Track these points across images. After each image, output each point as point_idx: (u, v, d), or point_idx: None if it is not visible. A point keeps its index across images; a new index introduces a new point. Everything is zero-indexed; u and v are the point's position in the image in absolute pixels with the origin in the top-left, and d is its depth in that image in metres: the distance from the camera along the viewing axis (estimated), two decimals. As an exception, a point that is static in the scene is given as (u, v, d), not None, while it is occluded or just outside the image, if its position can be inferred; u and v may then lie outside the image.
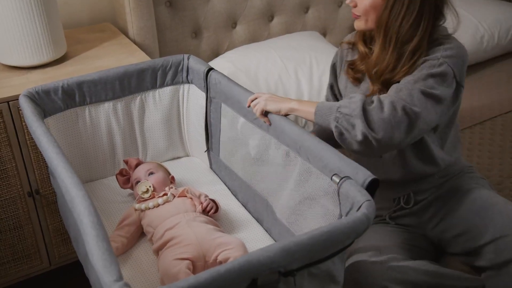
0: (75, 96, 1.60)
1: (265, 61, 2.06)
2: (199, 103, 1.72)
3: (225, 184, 1.72)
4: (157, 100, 1.75)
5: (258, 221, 1.54)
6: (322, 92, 2.00)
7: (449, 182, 1.52)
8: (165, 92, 1.75)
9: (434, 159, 1.46)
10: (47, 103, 1.55)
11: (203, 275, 0.89)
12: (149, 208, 1.47)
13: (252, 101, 1.43)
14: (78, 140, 1.66)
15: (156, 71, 1.71)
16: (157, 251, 1.37)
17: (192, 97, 1.76)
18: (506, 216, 1.38)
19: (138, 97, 1.72)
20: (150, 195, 1.51)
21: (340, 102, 1.27)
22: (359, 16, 1.37)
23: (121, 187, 1.65)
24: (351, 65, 1.50)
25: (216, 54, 2.36)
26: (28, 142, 1.66)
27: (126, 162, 1.65)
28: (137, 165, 1.63)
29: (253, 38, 2.41)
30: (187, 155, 1.91)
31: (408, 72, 1.32)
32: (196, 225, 1.38)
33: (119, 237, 1.43)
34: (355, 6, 1.36)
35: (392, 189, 1.55)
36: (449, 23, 1.40)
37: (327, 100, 1.67)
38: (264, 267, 0.94)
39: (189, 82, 1.75)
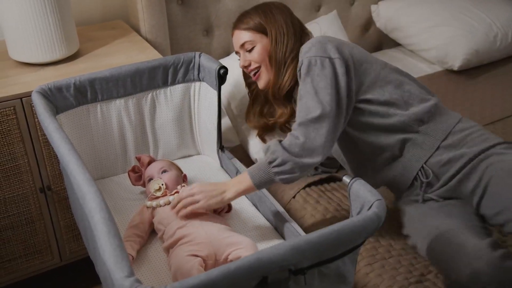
0: (87, 93, 1.61)
1: None
2: (210, 101, 1.72)
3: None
4: (168, 98, 1.75)
5: (268, 221, 1.54)
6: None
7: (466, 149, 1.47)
8: (176, 90, 1.75)
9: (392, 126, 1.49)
10: (59, 99, 1.56)
11: (214, 272, 0.89)
12: (161, 206, 1.48)
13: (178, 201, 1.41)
14: (89, 137, 1.67)
15: (168, 68, 1.71)
16: (168, 249, 1.37)
17: (204, 95, 1.76)
18: None
19: (150, 95, 1.72)
20: (162, 193, 1.51)
21: (266, 158, 1.37)
22: (258, 67, 1.62)
23: (133, 184, 1.66)
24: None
25: (227, 52, 2.36)
26: (40, 138, 1.67)
27: (138, 159, 1.66)
28: (149, 163, 1.64)
29: (265, 36, 2.41)
30: (198, 154, 1.91)
31: (293, 79, 1.58)
32: (208, 224, 1.38)
33: (135, 236, 1.43)
34: (250, 63, 1.63)
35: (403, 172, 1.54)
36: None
37: None
38: (275, 265, 0.94)
39: (200, 80, 1.76)
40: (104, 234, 0.99)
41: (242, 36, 1.63)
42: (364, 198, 1.11)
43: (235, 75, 1.93)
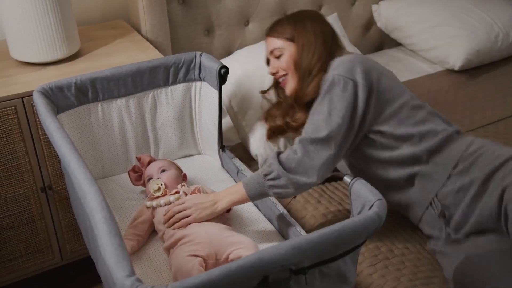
0: (88, 92, 1.61)
1: None
2: (211, 101, 1.73)
3: (236, 183, 1.72)
4: (169, 97, 1.75)
5: (269, 221, 1.54)
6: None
7: (467, 174, 1.41)
8: (177, 90, 1.75)
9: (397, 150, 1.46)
10: (60, 99, 1.56)
11: (215, 272, 0.89)
12: (161, 206, 1.48)
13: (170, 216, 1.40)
14: (90, 137, 1.67)
15: (169, 68, 1.71)
16: (168, 249, 1.37)
17: (204, 95, 1.76)
18: None
19: (151, 94, 1.72)
20: (162, 193, 1.51)
21: (262, 171, 1.36)
22: (285, 75, 1.60)
23: (133, 184, 1.66)
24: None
25: (228, 52, 2.36)
26: (41, 137, 1.67)
27: (138, 159, 1.66)
28: (149, 162, 1.64)
29: (265, 36, 2.41)
30: (199, 153, 1.91)
31: (317, 89, 1.51)
32: (208, 224, 1.38)
33: (134, 235, 1.43)
34: (278, 70, 1.62)
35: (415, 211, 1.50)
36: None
37: None
38: (275, 264, 0.94)
39: (201, 80, 1.76)
40: (105, 234, 0.99)
41: (272, 43, 1.62)
42: (365, 197, 1.11)
43: (236, 75, 1.92)
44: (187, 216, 1.38)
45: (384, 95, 1.45)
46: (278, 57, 1.61)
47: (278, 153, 1.38)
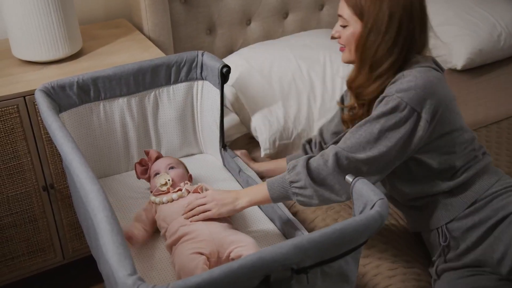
0: (90, 91, 1.61)
1: (279, 60, 2.05)
2: (213, 100, 1.72)
3: (238, 182, 1.72)
4: (171, 96, 1.75)
5: (270, 220, 1.54)
6: (335, 93, 1.99)
7: (487, 207, 1.34)
8: (179, 89, 1.75)
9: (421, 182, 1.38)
10: (62, 98, 1.56)
11: (216, 271, 0.89)
12: (163, 203, 1.48)
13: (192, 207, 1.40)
14: (92, 135, 1.68)
15: (171, 67, 1.71)
16: (171, 247, 1.37)
17: (206, 94, 1.76)
18: None
19: (152, 93, 1.72)
20: (167, 188, 1.51)
21: (289, 177, 1.30)
22: (344, 46, 1.41)
23: (138, 177, 1.65)
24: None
25: (230, 51, 2.36)
26: (43, 136, 1.67)
27: (147, 153, 1.65)
28: (157, 158, 1.63)
29: (268, 35, 2.41)
30: (201, 152, 1.91)
31: (377, 91, 1.35)
32: (210, 222, 1.38)
33: (140, 226, 1.44)
34: (340, 37, 1.41)
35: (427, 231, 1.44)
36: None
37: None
38: (277, 263, 0.94)
39: (203, 79, 1.76)
40: (107, 233, 1.00)
41: (342, 8, 1.38)
42: (367, 197, 1.10)
43: (237, 74, 1.93)
44: (207, 211, 1.37)
45: (442, 128, 1.32)
46: (343, 26, 1.39)
47: (308, 158, 1.30)
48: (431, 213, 1.40)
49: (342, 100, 1.62)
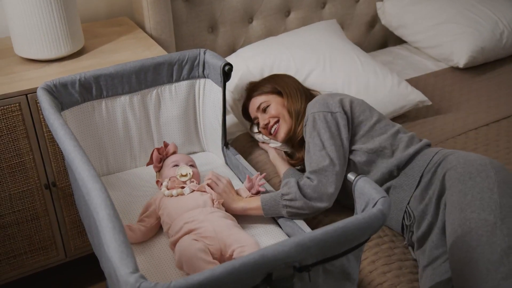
0: (92, 89, 1.61)
1: (279, 62, 2.05)
2: (215, 98, 1.72)
3: (240, 180, 1.72)
4: (173, 95, 1.75)
5: (273, 217, 1.54)
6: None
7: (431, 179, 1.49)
8: (181, 87, 1.75)
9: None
10: (65, 96, 1.56)
11: (218, 269, 0.89)
12: (172, 196, 1.50)
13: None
14: (94, 133, 1.68)
15: (173, 65, 1.71)
16: (174, 244, 1.37)
17: (208, 92, 1.76)
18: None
19: (154, 91, 1.72)
20: (183, 181, 1.54)
21: (282, 190, 1.48)
22: (277, 120, 1.75)
23: (151, 162, 1.66)
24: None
25: (232, 49, 2.36)
26: (45, 134, 1.68)
27: (166, 145, 1.68)
28: (173, 152, 1.68)
29: (269, 33, 2.41)
30: (203, 150, 1.91)
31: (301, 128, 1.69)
32: (215, 219, 1.40)
33: (138, 225, 1.46)
34: (269, 121, 1.76)
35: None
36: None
37: None
38: (279, 261, 0.94)
39: (205, 77, 1.76)
40: (109, 230, 1.00)
41: (257, 101, 1.79)
42: (369, 195, 1.10)
43: (236, 80, 1.94)
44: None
45: (358, 117, 1.60)
46: (265, 110, 1.77)
47: (298, 180, 1.50)
48: (395, 199, 1.55)
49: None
